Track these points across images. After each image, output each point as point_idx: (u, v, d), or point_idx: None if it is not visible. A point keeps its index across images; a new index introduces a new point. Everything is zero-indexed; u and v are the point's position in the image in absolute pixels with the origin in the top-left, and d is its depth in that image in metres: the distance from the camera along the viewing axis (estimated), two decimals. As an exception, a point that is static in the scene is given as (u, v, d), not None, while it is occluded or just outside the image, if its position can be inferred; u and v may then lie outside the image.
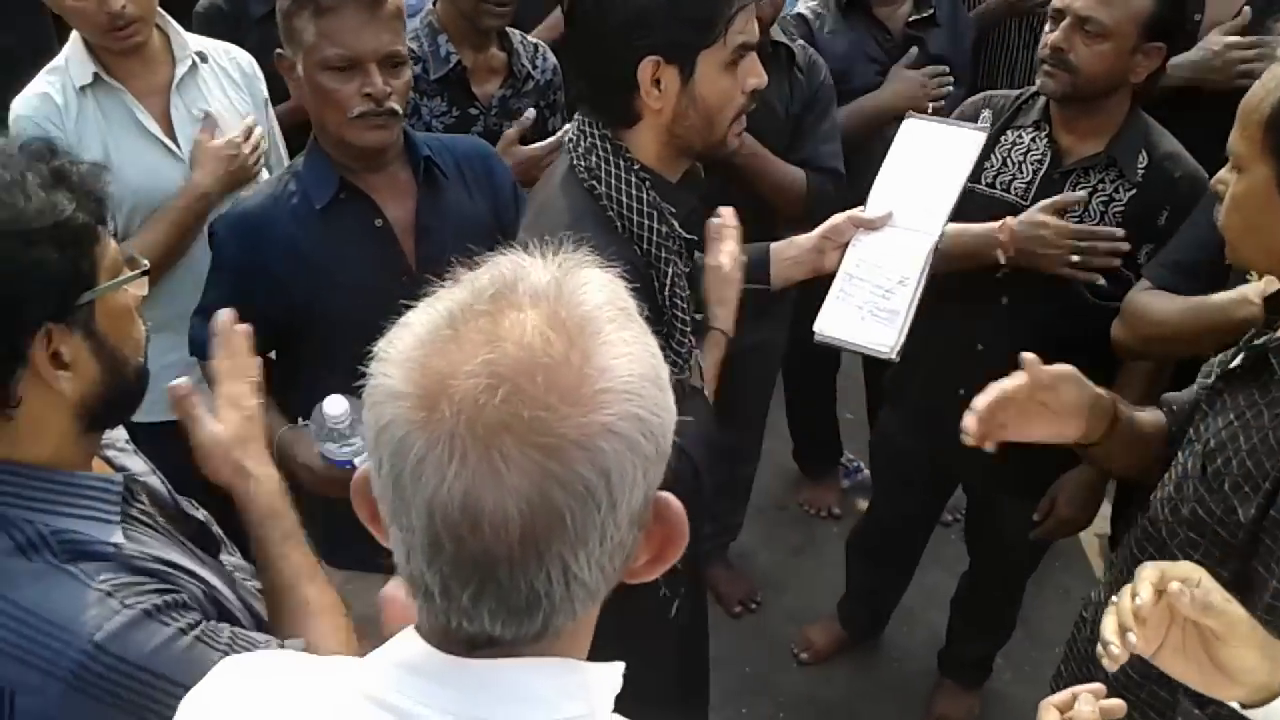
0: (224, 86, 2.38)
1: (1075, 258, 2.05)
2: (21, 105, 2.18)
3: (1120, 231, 2.09)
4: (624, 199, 1.53)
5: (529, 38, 2.56)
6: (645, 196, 1.53)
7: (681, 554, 0.81)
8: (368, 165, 1.89)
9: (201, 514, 1.39)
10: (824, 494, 3.66)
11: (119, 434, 1.34)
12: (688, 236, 1.60)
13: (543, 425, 0.68)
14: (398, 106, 1.82)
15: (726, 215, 1.83)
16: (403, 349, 0.73)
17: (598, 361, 0.71)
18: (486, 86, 2.49)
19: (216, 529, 1.40)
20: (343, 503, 2.08)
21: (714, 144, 1.56)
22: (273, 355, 2.08)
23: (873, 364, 1.84)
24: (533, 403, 0.68)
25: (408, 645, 0.78)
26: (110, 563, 1.11)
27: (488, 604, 0.72)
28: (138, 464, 1.33)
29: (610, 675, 0.81)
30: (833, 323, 1.84)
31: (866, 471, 3.74)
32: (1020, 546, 2.53)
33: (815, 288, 1.95)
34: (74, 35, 2.24)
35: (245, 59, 2.44)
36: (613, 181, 1.53)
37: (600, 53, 1.50)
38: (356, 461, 1.73)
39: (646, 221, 1.53)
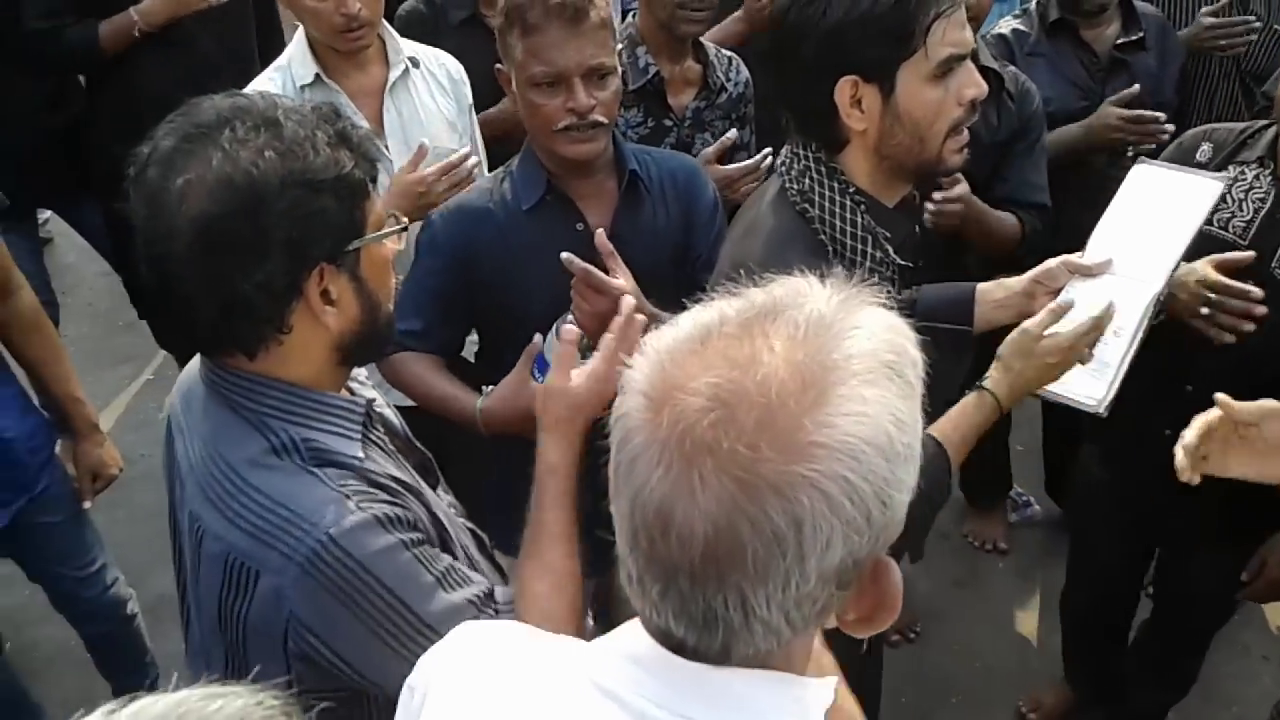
0: (432, 91, 2.46)
1: (1205, 310, 1.93)
2: None
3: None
4: (837, 222, 1.50)
5: (724, 50, 2.57)
6: (859, 220, 1.50)
7: (893, 622, 0.80)
8: (575, 173, 1.94)
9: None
10: (990, 527, 3.54)
11: (359, 370, 1.46)
12: (902, 263, 1.56)
13: (742, 460, 0.69)
14: (603, 118, 1.86)
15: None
16: (658, 347, 0.76)
17: (821, 414, 0.70)
18: (681, 98, 2.51)
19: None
20: (520, 490, 2.10)
21: (928, 162, 1.49)
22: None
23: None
24: (738, 436, 0.69)
25: (634, 637, 0.80)
26: (350, 471, 1.24)
27: (671, 604, 0.74)
28: (371, 394, 1.44)
29: (825, 691, 0.81)
30: None
31: (1036, 506, 3.63)
32: (1212, 600, 2.40)
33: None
34: (298, 36, 2.36)
35: (454, 65, 2.52)
36: (825, 204, 1.51)
37: (799, 78, 1.47)
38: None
39: (860, 246, 1.50)
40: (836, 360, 0.72)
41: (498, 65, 1.93)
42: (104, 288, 4.79)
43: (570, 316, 1.77)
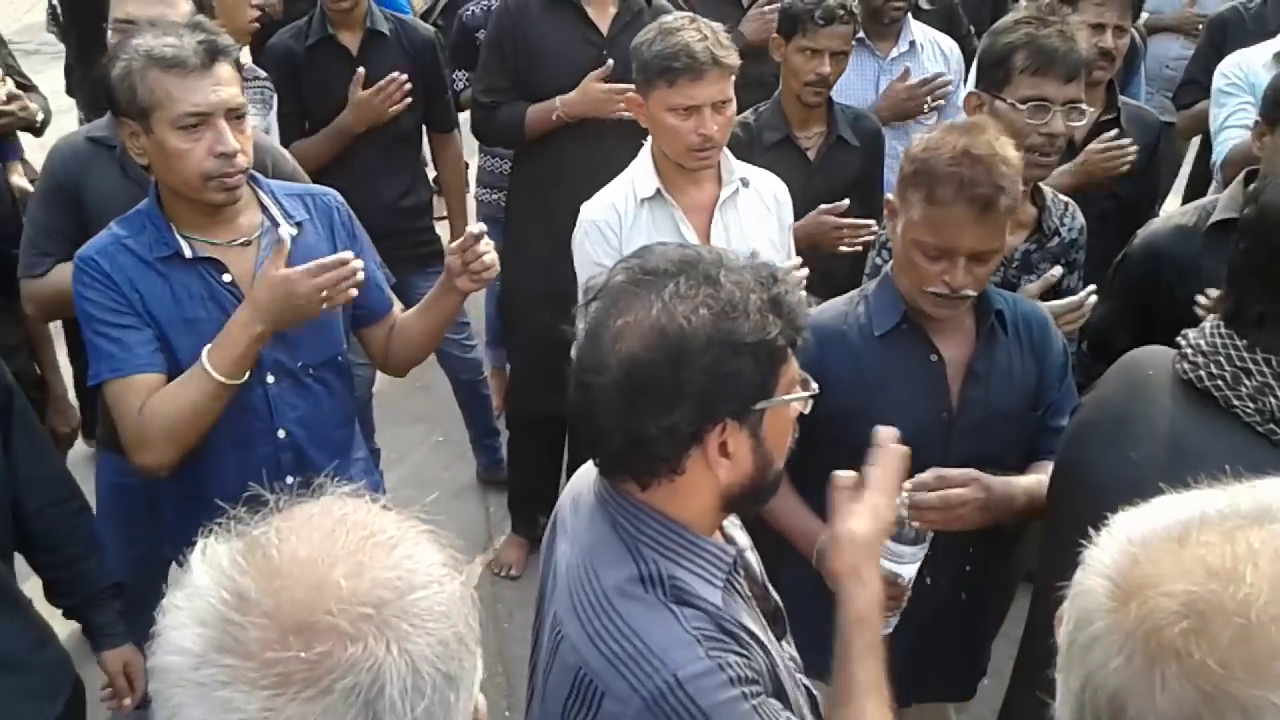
0: (756, 211, 2.56)
1: None
2: (591, 209, 2.47)
3: None
4: None
5: (1060, 196, 2.53)
6: None
7: None
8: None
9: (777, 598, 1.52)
10: None
11: None
12: None
13: (1211, 674, 0.67)
14: (973, 293, 1.90)
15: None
16: (1131, 532, 0.76)
17: None
18: (1012, 239, 2.46)
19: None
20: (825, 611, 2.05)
21: None
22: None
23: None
24: (1210, 649, 0.68)
25: None
26: (705, 615, 1.28)
27: None
28: (743, 539, 1.48)
29: None
30: None
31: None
32: None
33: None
34: (643, 153, 2.51)
35: (780, 188, 2.62)
36: None
37: None
38: (896, 568, 1.76)
39: None
40: None
41: (888, 196, 1.99)
42: (408, 349, 5.16)
43: (913, 522, 1.77)
